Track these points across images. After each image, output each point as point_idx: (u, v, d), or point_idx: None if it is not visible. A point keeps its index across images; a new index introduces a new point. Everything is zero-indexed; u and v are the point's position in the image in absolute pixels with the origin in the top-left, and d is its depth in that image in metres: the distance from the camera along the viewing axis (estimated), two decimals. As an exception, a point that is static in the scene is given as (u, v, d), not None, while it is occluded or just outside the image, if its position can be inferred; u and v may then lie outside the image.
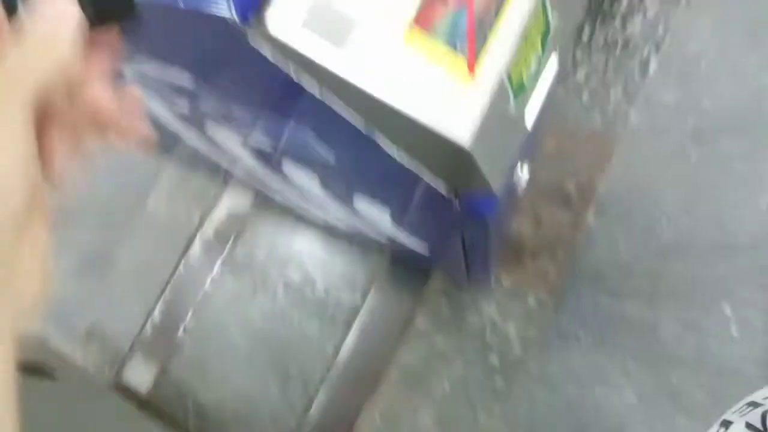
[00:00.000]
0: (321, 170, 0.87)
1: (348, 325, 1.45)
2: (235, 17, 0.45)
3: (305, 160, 0.85)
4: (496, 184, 0.59)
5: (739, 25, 1.34)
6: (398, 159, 0.61)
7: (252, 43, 0.49)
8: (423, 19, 0.50)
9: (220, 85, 0.68)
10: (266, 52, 0.50)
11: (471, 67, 0.50)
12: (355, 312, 1.46)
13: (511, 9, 0.52)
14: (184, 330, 1.58)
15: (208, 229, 1.67)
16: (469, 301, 1.35)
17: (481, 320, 1.34)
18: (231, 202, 1.68)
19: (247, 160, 1.07)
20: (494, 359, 1.32)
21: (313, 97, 0.54)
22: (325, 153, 0.75)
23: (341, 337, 1.44)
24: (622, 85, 1.38)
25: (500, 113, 0.54)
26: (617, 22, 1.42)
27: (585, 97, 1.37)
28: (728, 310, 1.18)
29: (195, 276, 1.62)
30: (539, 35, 0.56)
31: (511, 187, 0.69)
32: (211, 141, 1.05)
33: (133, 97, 0.27)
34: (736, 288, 1.18)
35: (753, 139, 1.24)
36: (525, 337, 1.31)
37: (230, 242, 1.64)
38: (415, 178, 0.66)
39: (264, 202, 1.62)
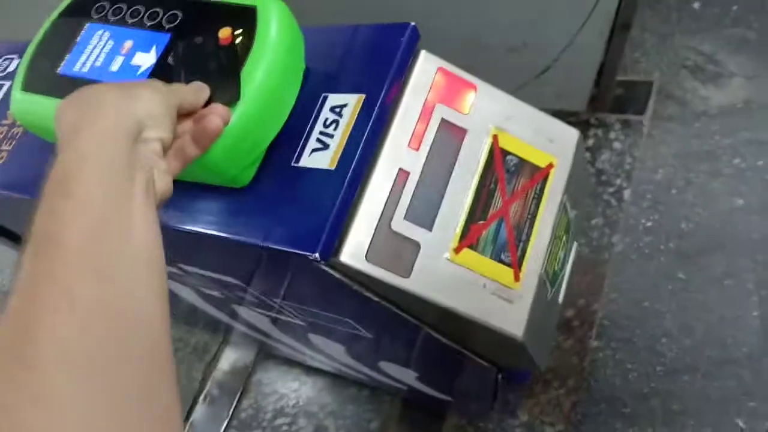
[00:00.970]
0: (351, 343, 0.90)
1: (366, 475, 1.43)
2: (318, 257, 0.51)
3: (335, 336, 0.89)
4: (543, 363, 0.63)
5: (698, 153, 1.48)
6: (445, 346, 0.66)
7: (322, 271, 0.54)
8: (469, 238, 0.57)
9: (269, 289, 0.73)
10: (333, 275, 0.55)
11: (516, 277, 0.56)
12: (372, 460, 1.44)
13: (541, 219, 0.60)
14: (192, 496, 1.52)
15: (212, 386, 1.66)
16: (488, 439, 1.35)
17: (502, 457, 1.33)
18: (234, 357, 1.68)
19: (267, 328, 1.10)
20: (521, 498, 1.31)
21: (368, 301, 0.59)
22: (360, 334, 0.80)
23: (360, 488, 1.40)
24: (602, 214, 1.49)
25: (542, 302, 0.60)
26: (587, 156, 1.56)
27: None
28: (742, 423, 1.22)
29: (202, 437, 1.58)
30: (564, 230, 0.64)
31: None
32: (233, 314, 1.08)
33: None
34: (746, 401, 1.22)
35: (734, 256, 1.34)
36: (549, 471, 1.30)
37: (236, 398, 1.62)
38: (457, 356, 0.70)
39: (267, 354, 1.63)
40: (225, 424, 1.58)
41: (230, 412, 1.59)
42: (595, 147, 1.58)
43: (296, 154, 0.57)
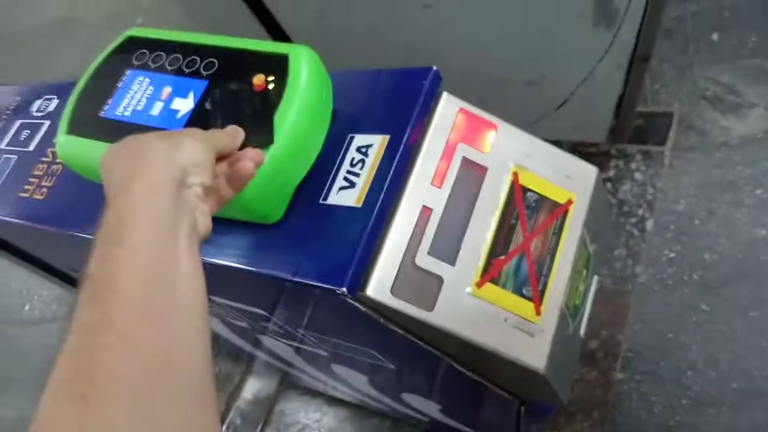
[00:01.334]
0: (374, 374, 0.92)
1: (389, 507, 1.42)
2: (345, 291, 0.53)
3: (359, 366, 0.90)
4: (565, 396, 0.64)
5: (720, 183, 1.48)
6: (468, 378, 0.67)
7: (349, 305, 0.56)
8: (491, 272, 0.58)
9: (294, 319, 0.75)
10: (359, 309, 0.57)
11: (538, 311, 0.58)
12: (394, 492, 1.43)
13: (561, 254, 0.61)
14: None
15: (235, 416, 1.67)
16: (512, 472, 1.34)
17: (527, 491, 1.32)
18: (257, 387, 1.69)
19: (291, 357, 1.12)
20: None
21: (392, 334, 0.61)
22: (383, 365, 0.81)
23: None
24: (625, 245, 1.49)
25: (563, 336, 0.62)
26: (608, 187, 1.57)
27: (593, 258, 1.47)
28: (770, 459, 1.19)
29: (224, 468, 1.59)
30: (584, 265, 0.65)
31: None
32: (257, 343, 1.10)
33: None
34: (776, 434, 1.20)
35: (757, 287, 1.33)
36: (574, 506, 1.29)
37: (258, 428, 1.63)
38: (480, 388, 0.71)
39: (289, 384, 1.64)
40: (248, 455, 1.59)
41: (253, 444, 1.60)
42: (616, 178, 1.58)
43: (324, 192, 0.59)
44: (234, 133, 0.52)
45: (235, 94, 0.57)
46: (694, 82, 1.67)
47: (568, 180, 0.63)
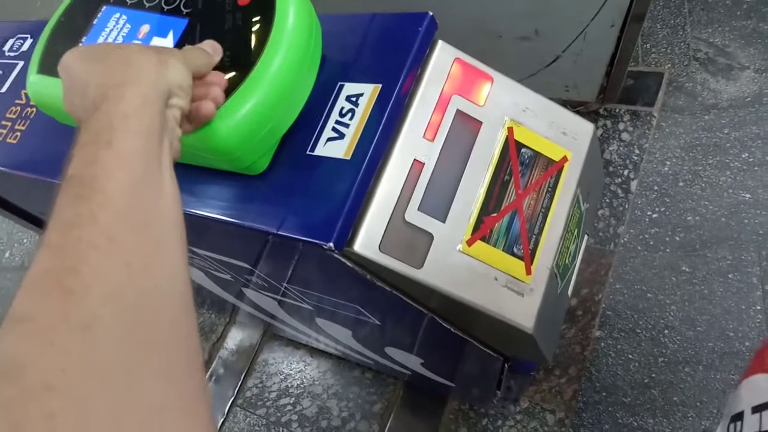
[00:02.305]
0: (358, 329, 0.91)
1: (368, 456, 1.45)
2: (332, 246, 0.51)
3: (343, 321, 0.90)
4: (550, 356, 0.64)
5: (706, 146, 1.48)
6: (454, 335, 0.67)
7: (336, 260, 0.55)
8: (482, 230, 0.57)
9: (279, 274, 0.74)
10: (346, 264, 0.56)
11: (528, 270, 0.57)
12: (374, 442, 1.46)
13: (554, 213, 0.60)
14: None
15: (218, 365, 1.68)
16: (488, 424, 1.37)
17: (502, 443, 1.35)
18: (240, 337, 1.70)
19: (274, 310, 1.11)
20: (520, 483, 1.33)
21: (380, 290, 0.60)
22: (368, 320, 0.81)
23: (362, 469, 1.42)
24: (609, 205, 1.49)
25: (552, 296, 0.61)
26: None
27: (577, 218, 1.47)
28: (741, 417, 1.23)
29: (206, 416, 1.60)
30: (575, 224, 0.64)
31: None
32: (241, 296, 1.09)
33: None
34: (746, 395, 1.23)
35: (739, 250, 1.34)
36: (548, 457, 1.32)
37: (241, 377, 1.64)
38: (465, 345, 0.71)
39: (273, 335, 1.65)
40: (230, 403, 1.60)
41: (235, 391, 1.62)
42: (603, 138, 1.57)
43: (312, 143, 0.57)
44: (211, 51, 0.50)
45: (217, 12, 0.54)
46: (687, 43, 1.64)
47: (563, 137, 0.62)
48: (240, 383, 1.63)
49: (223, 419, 1.58)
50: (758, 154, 1.43)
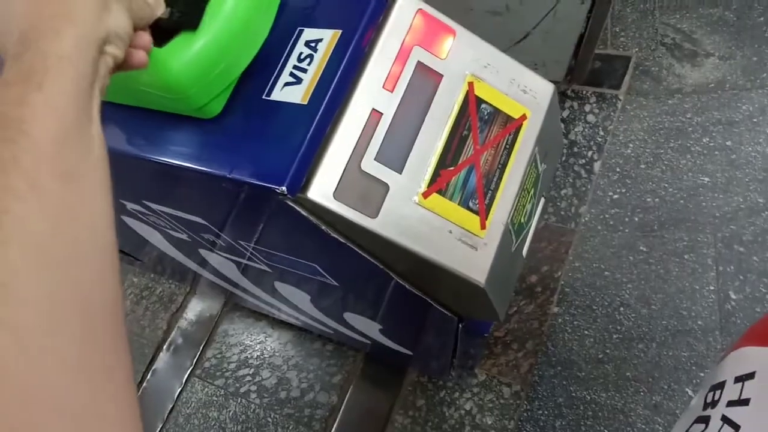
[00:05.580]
0: (316, 292, 0.91)
1: (326, 426, 1.45)
2: (285, 191, 0.50)
3: (302, 285, 0.89)
4: (502, 312, 0.65)
5: (669, 130, 1.51)
6: (409, 294, 0.67)
7: (289, 207, 0.54)
8: (438, 183, 0.57)
9: (236, 230, 0.73)
10: (300, 212, 0.55)
11: (483, 225, 0.57)
12: (332, 412, 1.46)
13: (511, 170, 0.60)
14: (152, 442, 1.53)
15: (177, 336, 1.66)
16: (445, 396, 1.39)
17: (458, 414, 1.37)
18: (200, 307, 1.68)
19: (235, 276, 1.10)
20: (475, 454, 1.35)
21: (334, 243, 0.59)
22: (326, 281, 0.80)
23: (320, 439, 1.43)
24: (572, 185, 1.51)
25: (505, 252, 0.61)
26: (561, 128, 1.57)
27: (541, 196, 1.49)
28: (691, 392, 1.27)
29: (163, 385, 1.58)
30: (532, 184, 0.64)
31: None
32: (200, 260, 1.08)
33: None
34: (697, 371, 1.27)
35: (696, 232, 1.38)
36: (503, 429, 1.34)
37: (200, 348, 1.62)
38: (420, 305, 0.71)
39: (234, 306, 1.63)
40: (188, 373, 1.58)
41: (194, 361, 1.60)
42: (569, 119, 1.59)
43: (268, 87, 0.56)
44: (153, 4, 0.47)
45: None
46: (655, 28, 1.67)
47: (523, 94, 0.62)
48: (199, 354, 1.61)
49: (180, 389, 1.57)
50: (719, 139, 1.47)
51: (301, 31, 0.57)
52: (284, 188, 0.50)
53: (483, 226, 0.57)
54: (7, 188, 0.28)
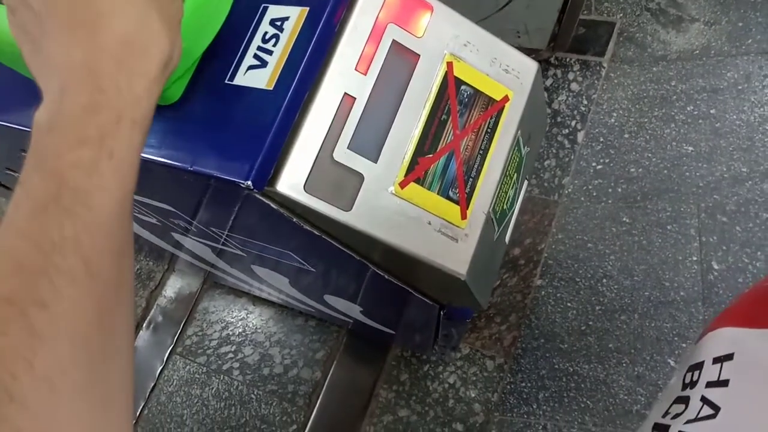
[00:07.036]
0: (294, 277, 0.88)
1: (310, 402, 1.44)
2: (251, 185, 0.47)
3: (279, 268, 0.86)
4: (484, 302, 0.63)
5: (653, 98, 1.48)
6: (388, 283, 0.64)
7: (258, 201, 0.51)
8: (416, 172, 0.54)
9: (205, 218, 0.69)
10: (269, 206, 0.52)
11: (463, 215, 0.54)
12: (316, 388, 1.46)
13: (493, 155, 0.57)
14: (135, 421, 1.51)
15: (156, 313, 1.63)
16: (429, 370, 1.38)
17: (442, 388, 1.37)
18: (179, 285, 1.64)
19: (211, 259, 1.07)
20: (459, 426, 1.35)
21: (308, 235, 0.56)
22: (304, 267, 0.77)
23: (304, 414, 1.42)
24: (555, 155, 1.48)
25: (487, 242, 0.59)
26: (544, 96, 1.54)
27: (524, 167, 1.46)
28: (673, 363, 1.27)
29: (144, 364, 1.56)
30: (515, 168, 0.61)
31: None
32: (175, 243, 1.04)
33: None
34: (679, 342, 1.28)
35: (679, 202, 1.37)
36: (486, 401, 1.35)
37: (181, 325, 1.59)
38: (400, 293, 0.69)
39: (214, 283, 1.60)
40: (169, 351, 1.56)
41: (174, 339, 1.57)
42: (552, 87, 1.55)
43: (231, 70, 0.51)
44: None
45: None
46: (640, -8, 1.62)
47: (505, 74, 0.58)
48: (179, 331, 1.59)
49: (162, 367, 1.55)
50: (703, 108, 1.44)
51: (265, 8, 0.53)
52: (249, 183, 0.47)
53: (464, 216, 0.55)
54: (64, 271, 0.26)
